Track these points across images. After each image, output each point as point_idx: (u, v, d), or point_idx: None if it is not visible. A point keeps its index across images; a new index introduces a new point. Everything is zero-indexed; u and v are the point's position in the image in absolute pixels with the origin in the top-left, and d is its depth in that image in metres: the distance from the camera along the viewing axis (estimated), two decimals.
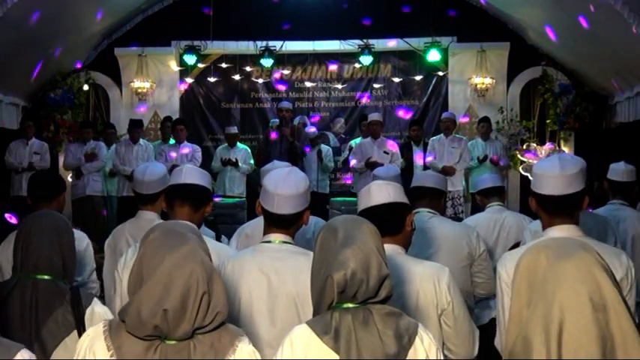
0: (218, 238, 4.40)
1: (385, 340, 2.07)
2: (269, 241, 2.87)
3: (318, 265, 2.20)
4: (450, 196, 9.09)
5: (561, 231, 2.80)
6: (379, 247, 2.19)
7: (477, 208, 8.84)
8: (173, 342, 2.00)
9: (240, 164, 10.19)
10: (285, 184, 2.83)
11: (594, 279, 2.39)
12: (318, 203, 9.45)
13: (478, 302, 4.09)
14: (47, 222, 2.84)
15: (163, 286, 1.98)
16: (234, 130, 10.57)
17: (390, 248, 2.86)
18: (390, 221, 2.88)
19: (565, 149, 10.69)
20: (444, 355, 2.78)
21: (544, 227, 2.88)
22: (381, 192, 2.93)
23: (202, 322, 2.00)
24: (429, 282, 2.85)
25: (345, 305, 2.12)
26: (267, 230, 2.91)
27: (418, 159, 9.73)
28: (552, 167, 2.84)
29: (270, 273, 2.78)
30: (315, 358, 2.09)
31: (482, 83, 11.19)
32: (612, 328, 2.32)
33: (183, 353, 2.00)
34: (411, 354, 2.10)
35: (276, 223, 2.87)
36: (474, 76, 11.23)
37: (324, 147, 10.24)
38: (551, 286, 2.31)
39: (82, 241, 3.91)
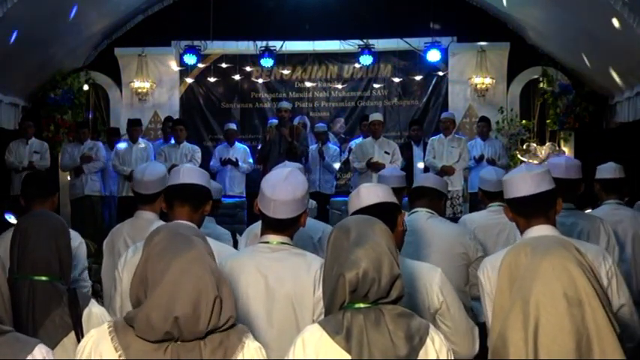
0: (234, 238, 4.42)
1: (396, 341, 2.09)
2: (267, 242, 2.87)
3: (331, 264, 2.21)
4: (449, 196, 9.08)
5: (539, 232, 2.84)
6: (391, 247, 2.21)
7: (475, 208, 8.84)
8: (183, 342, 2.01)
9: (240, 163, 10.20)
10: (282, 190, 2.81)
11: (569, 275, 2.41)
12: (321, 204, 9.48)
13: (476, 299, 4.10)
14: (44, 222, 2.84)
15: (171, 292, 1.97)
16: (233, 126, 10.59)
17: None
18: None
19: (565, 149, 10.69)
20: None
21: (522, 232, 2.92)
22: (370, 193, 2.93)
23: (217, 324, 2.01)
24: (420, 283, 2.86)
25: (357, 305, 2.13)
26: (264, 232, 2.91)
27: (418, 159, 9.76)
28: (518, 170, 3.03)
29: (267, 273, 2.78)
30: (326, 358, 2.10)
31: (482, 83, 11.20)
32: (587, 322, 2.34)
33: (195, 352, 2.00)
34: (422, 354, 2.11)
35: (273, 226, 2.87)
36: (474, 76, 11.23)
37: (331, 146, 10.27)
38: (528, 283, 2.33)
39: (74, 239, 3.90)
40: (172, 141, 10.00)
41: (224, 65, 11.56)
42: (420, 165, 9.59)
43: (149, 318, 1.96)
